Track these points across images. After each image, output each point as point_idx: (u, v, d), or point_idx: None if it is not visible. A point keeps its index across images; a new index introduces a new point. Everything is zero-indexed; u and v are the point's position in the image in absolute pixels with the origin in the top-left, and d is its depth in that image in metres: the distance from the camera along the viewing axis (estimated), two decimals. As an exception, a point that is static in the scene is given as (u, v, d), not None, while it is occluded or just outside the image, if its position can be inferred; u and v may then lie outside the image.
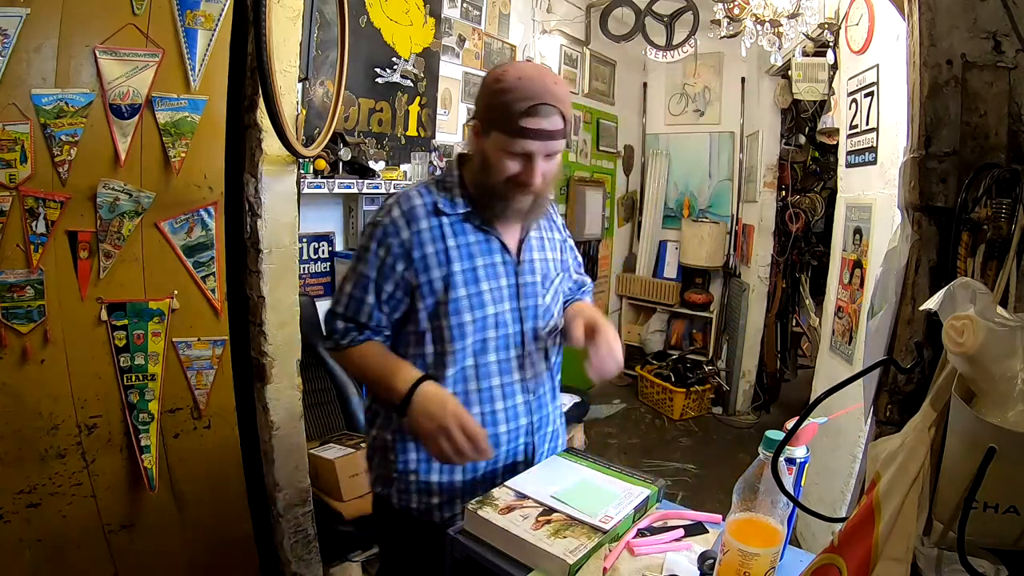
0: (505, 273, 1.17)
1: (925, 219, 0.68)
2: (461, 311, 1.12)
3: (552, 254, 1.28)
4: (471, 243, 1.15)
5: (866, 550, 0.55)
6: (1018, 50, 0.64)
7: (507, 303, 1.17)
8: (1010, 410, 0.51)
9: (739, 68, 4.20)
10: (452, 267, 1.12)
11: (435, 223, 1.13)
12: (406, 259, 1.11)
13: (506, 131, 1.05)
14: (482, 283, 1.14)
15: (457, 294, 1.12)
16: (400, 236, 1.11)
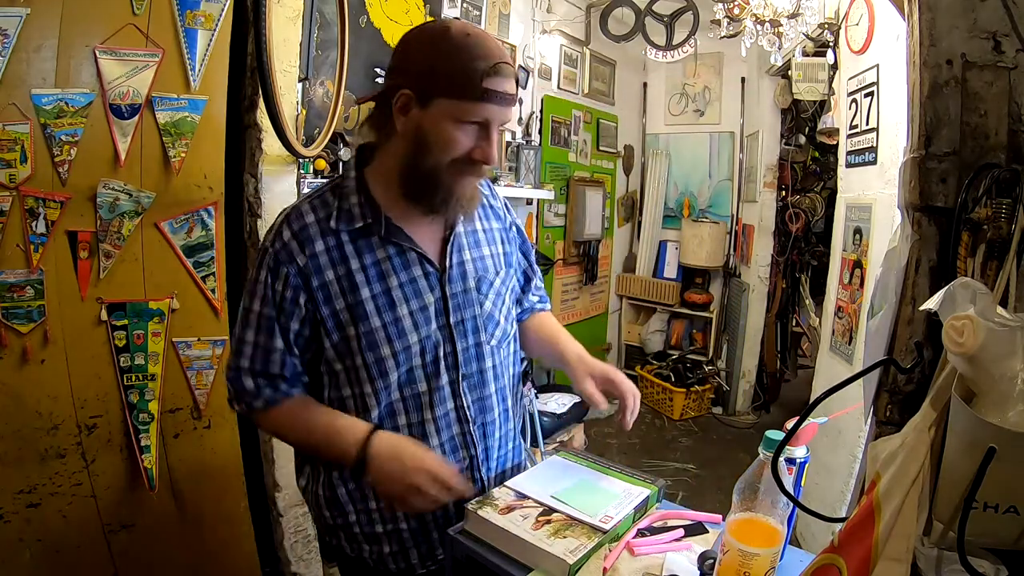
0: (428, 287, 0.98)
1: (925, 219, 0.68)
2: (378, 344, 0.94)
3: (490, 248, 1.08)
4: (380, 259, 0.95)
5: (866, 550, 0.55)
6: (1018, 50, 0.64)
7: (434, 322, 0.98)
8: (1010, 410, 0.51)
9: (739, 68, 4.20)
10: (359, 294, 0.94)
11: (332, 243, 0.94)
12: (306, 289, 0.93)
13: (463, 96, 0.87)
14: (399, 307, 0.95)
15: (370, 325, 0.94)
16: (296, 262, 0.93)
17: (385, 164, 0.98)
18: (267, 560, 1.86)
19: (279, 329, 0.95)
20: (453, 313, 1.00)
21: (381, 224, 0.95)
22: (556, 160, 4.00)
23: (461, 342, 1.01)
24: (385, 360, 0.95)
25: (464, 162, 0.92)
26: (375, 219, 0.95)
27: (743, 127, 4.33)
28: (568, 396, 3.37)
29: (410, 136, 0.92)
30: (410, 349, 0.96)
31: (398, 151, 0.94)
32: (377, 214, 0.96)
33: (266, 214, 1.70)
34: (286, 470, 1.83)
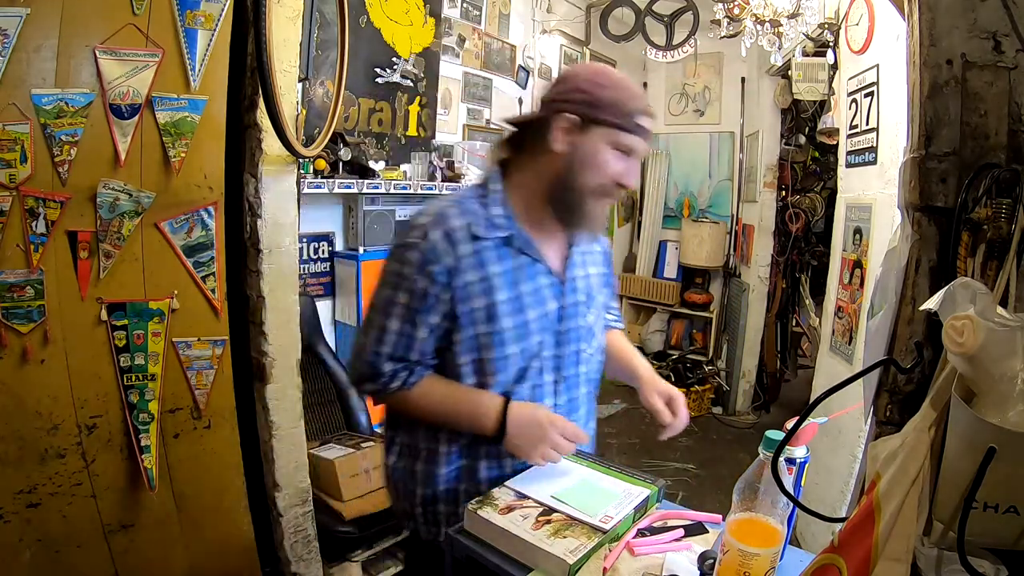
0: (551, 296, 1.10)
1: (925, 219, 0.68)
2: (506, 343, 1.06)
3: (596, 268, 1.21)
4: (514, 268, 1.07)
5: (866, 550, 0.55)
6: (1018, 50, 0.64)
7: (551, 328, 1.11)
8: (1010, 410, 0.51)
9: (739, 68, 4.21)
10: (496, 296, 1.04)
11: (475, 248, 1.04)
12: (449, 287, 1.03)
13: (620, 127, 1.01)
14: (527, 311, 1.07)
15: (501, 325, 1.05)
16: (443, 262, 1.02)
17: (524, 180, 1.09)
18: (267, 560, 1.86)
19: (421, 321, 1.05)
20: (565, 321, 1.12)
21: (519, 236, 1.07)
22: (556, 160, 4.00)
23: (566, 348, 1.13)
24: (508, 358, 1.07)
25: (609, 185, 1.04)
26: (515, 231, 1.07)
27: (743, 127, 4.33)
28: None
29: (567, 156, 1.03)
30: (529, 350, 1.08)
31: (548, 169, 1.06)
32: (516, 226, 1.07)
33: (266, 214, 1.70)
34: (286, 470, 1.83)
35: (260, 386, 1.78)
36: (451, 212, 1.05)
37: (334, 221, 2.66)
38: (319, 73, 2.42)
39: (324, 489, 2.02)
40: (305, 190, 2.13)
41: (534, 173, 1.08)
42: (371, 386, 1.10)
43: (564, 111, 1.02)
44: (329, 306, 2.68)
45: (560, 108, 1.02)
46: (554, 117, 1.02)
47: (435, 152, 2.91)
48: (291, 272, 1.79)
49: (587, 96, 1.01)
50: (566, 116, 1.01)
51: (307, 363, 2.08)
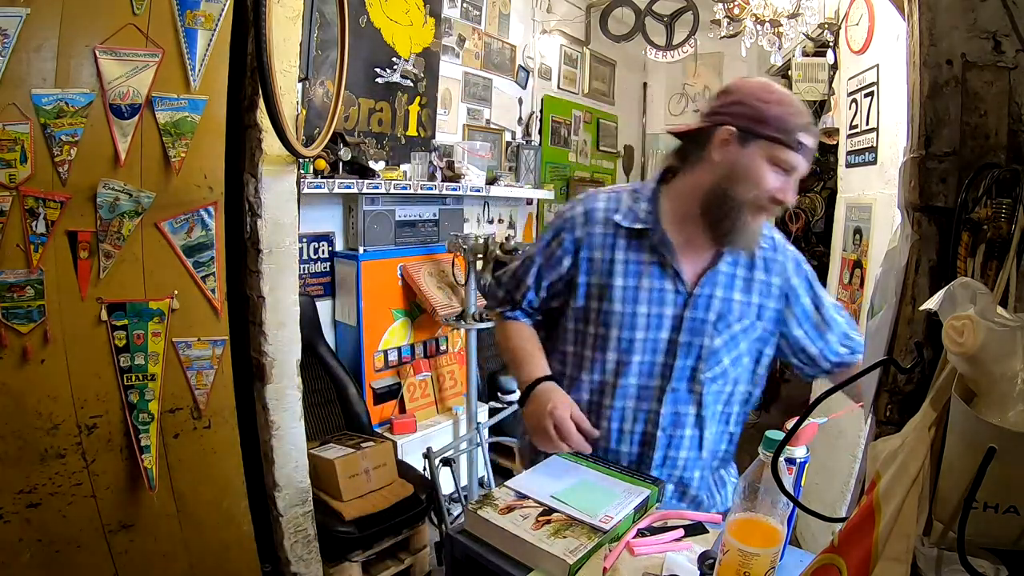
0: (671, 302, 1.11)
1: (925, 219, 0.68)
2: (611, 324, 1.11)
3: (743, 296, 1.14)
4: (641, 262, 1.11)
5: (866, 550, 0.55)
6: (1018, 50, 0.64)
7: (664, 332, 1.12)
8: (1010, 410, 0.51)
9: (739, 68, 4.20)
10: (613, 280, 1.11)
11: (609, 231, 1.13)
12: (573, 256, 1.14)
13: (781, 142, 1.01)
14: (640, 305, 1.11)
15: (611, 307, 1.11)
16: (574, 233, 1.14)
17: (682, 188, 1.12)
18: (267, 560, 1.86)
19: (535, 273, 1.20)
20: (684, 333, 1.12)
21: (657, 233, 1.11)
22: (556, 160, 4.00)
23: (680, 360, 1.12)
24: (610, 339, 1.12)
25: (764, 200, 1.04)
26: (654, 228, 1.11)
27: (743, 127, 4.33)
28: (568, 396, 3.37)
29: (724, 168, 1.05)
30: (633, 343, 1.12)
31: (705, 179, 1.08)
32: (658, 224, 1.11)
33: (266, 214, 1.70)
34: (286, 470, 1.83)
35: (260, 386, 1.78)
36: (601, 196, 1.16)
37: (334, 221, 2.66)
38: (319, 73, 2.42)
39: (324, 489, 2.02)
40: (305, 190, 2.13)
41: (692, 182, 1.10)
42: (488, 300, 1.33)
43: (725, 123, 1.04)
44: (329, 306, 2.68)
45: (721, 120, 1.05)
46: (715, 129, 1.05)
47: (435, 152, 2.91)
48: (291, 272, 1.79)
49: (750, 110, 1.03)
50: (727, 128, 1.04)
51: (307, 363, 2.08)
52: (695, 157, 1.09)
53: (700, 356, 1.12)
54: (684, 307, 1.11)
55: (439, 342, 2.94)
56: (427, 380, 2.86)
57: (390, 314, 2.69)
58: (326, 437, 2.25)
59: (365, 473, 2.07)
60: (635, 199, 1.15)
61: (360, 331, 2.57)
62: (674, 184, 1.14)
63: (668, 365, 1.13)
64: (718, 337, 1.12)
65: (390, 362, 2.71)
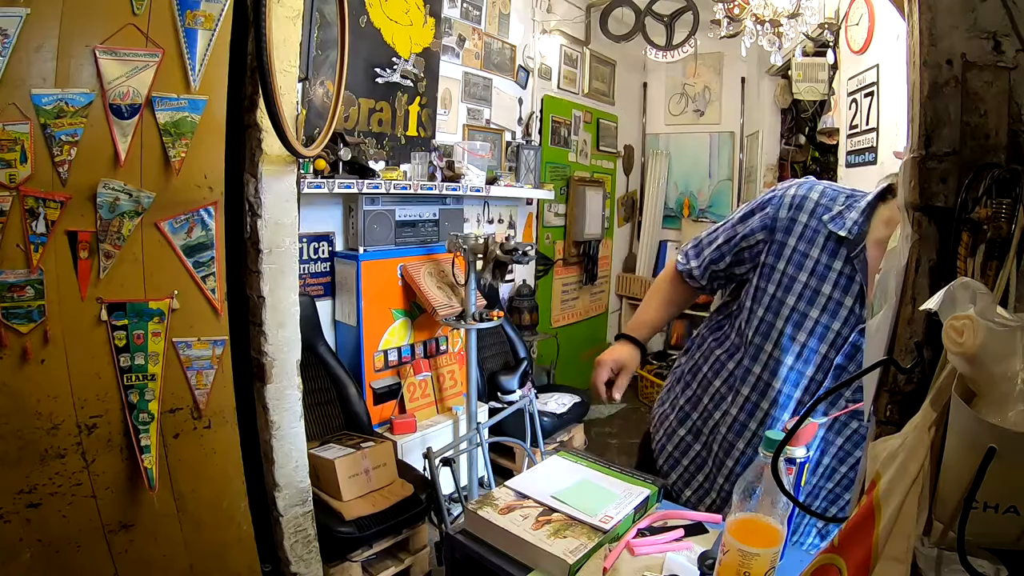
0: (845, 318, 1.04)
1: (925, 219, 0.68)
2: (778, 315, 1.08)
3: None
4: (832, 267, 1.05)
5: (866, 550, 0.55)
6: (1018, 50, 0.64)
7: (824, 346, 1.05)
8: (1010, 410, 0.51)
9: (739, 68, 4.21)
10: (799, 273, 1.07)
11: (814, 224, 1.07)
12: (769, 233, 1.11)
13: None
14: (814, 309, 1.06)
15: (783, 299, 1.08)
16: (778, 212, 1.11)
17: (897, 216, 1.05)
18: (267, 560, 1.86)
19: (730, 236, 1.18)
20: (842, 356, 1.05)
21: (858, 248, 1.03)
22: (556, 160, 4.00)
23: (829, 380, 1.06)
24: (775, 330, 1.09)
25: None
26: (857, 241, 1.03)
27: (743, 127, 4.33)
28: (568, 396, 3.37)
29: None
30: (795, 340, 1.07)
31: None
32: (862, 240, 1.03)
33: (266, 214, 1.70)
34: (286, 470, 1.83)
35: (260, 386, 1.78)
36: (817, 188, 1.11)
37: (334, 221, 2.66)
38: (319, 73, 2.42)
39: (324, 489, 2.02)
40: (305, 190, 2.13)
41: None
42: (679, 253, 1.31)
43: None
44: (329, 306, 2.68)
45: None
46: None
47: (435, 152, 2.91)
48: (291, 272, 1.79)
49: None
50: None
51: (307, 363, 2.08)
52: None
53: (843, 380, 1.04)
54: (853, 329, 1.04)
55: (439, 342, 2.94)
56: (427, 380, 2.86)
57: (390, 314, 2.69)
58: (326, 437, 2.25)
59: (365, 473, 2.07)
60: (849, 205, 1.07)
61: (360, 331, 2.58)
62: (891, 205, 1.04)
63: (815, 380, 1.07)
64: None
65: (390, 362, 2.71)
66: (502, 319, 2.95)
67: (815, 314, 1.05)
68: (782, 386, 1.08)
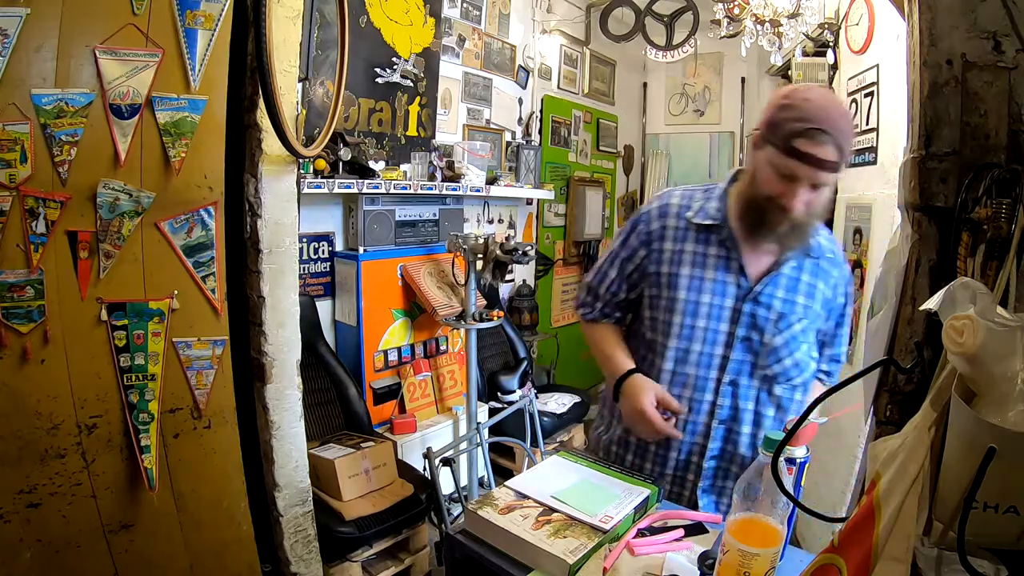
0: (733, 295, 1.16)
1: (925, 219, 0.68)
2: (675, 311, 1.18)
3: (804, 299, 1.18)
4: (708, 254, 1.18)
5: (866, 550, 0.55)
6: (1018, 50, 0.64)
7: (724, 324, 1.16)
8: (1010, 410, 0.51)
9: (739, 68, 4.21)
10: (680, 269, 1.18)
11: (681, 224, 1.20)
12: (647, 247, 1.23)
13: (778, 147, 1.04)
14: (704, 295, 1.17)
15: (676, 295, 1.18)
16: (649, 226, 1.23)
17: (739, 188, 1.19)
18: (267, 560, 1.86)
19: (619, 264, 1.28)
20: (742, 328, 1.16)
21: (725, 230, 1.17)
22: (556, 160, 4.00)
23: (737, 354, 1.16)
24: (674, 325, 1.19)
25: (774, 203, 1.08)
26: (723, 224, 1.17)
27: (743, 127, 4.33)
28: (568, 396, 3.37)
29: (750, 171, 1.14)
30: (695, 329, 1.17)
31: (747, 176, 1.16)
32: (726, 222, 1.17)
33: (266, 214, 1.70)
34: (286, 470, 1.83)
35: (260, 386, 1.78)
36: (675, 193, 1.25)
37: (334, 221, 2.66)
38: (319, 73, 2.42)
39: (324, 489, 2.02)
40: (305, 190, 2.13)
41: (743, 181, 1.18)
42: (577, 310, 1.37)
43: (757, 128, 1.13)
44: (329, 306, 2.68)
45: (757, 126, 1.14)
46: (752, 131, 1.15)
47: (435, 152, 2.91)
48: (291, 272, 1.79)
49: (765, 115, 1.10)
50: (756, 132, 1.13)
51: (307, 363, 2.08)
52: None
53: (758, 352, 1.16)
54: (744, 301, 1.15)
55: (439, 342, 2.94)
56: (427, 380, 2.86)
57: (390, 314, 2.69)
58: (326, 437, 2.25)
59: (365, 473, 2.07)
60: (707, 197, 1.22)
61: (360, 331, 2.57)
62: (736, 186, 1.21)
63: (725, 357, 1.17)
64: (778, 336, 1.16)
65: (390, 362, 2.71)
66: (502, 319, 2.95)
67: (706, 299, 1.16)
68: (696, 371, 1.18)
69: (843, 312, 1.26)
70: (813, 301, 1.19)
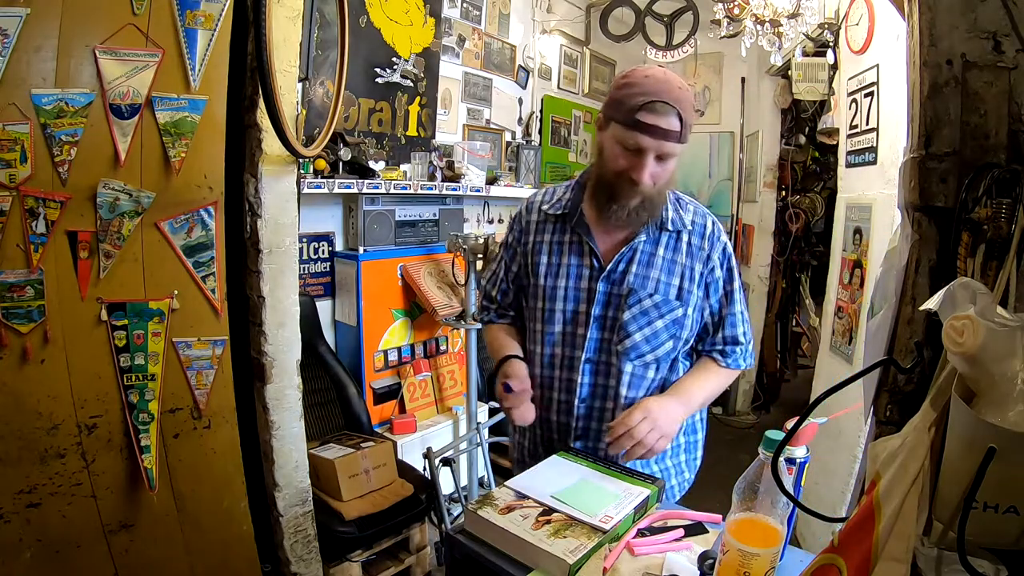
0: (588, 276, 1.22)
1: (925, 219, 0.68)
2: (541, 297, 1.25)
3: (666, 277, 1.19)
4: (563, 241, 1.25)
5: (866, 550, 0.55)
6: (1018, 50, 0.64)
7: (582, 305, 1.22)
8: (1010, 410, 0.51)
9: (739, 68, 4.20)
10: (540, 257, 1.26)
11: (541, 217, 1.29)
12: (520, 244, 1.31)
13: (622, 123, 1.09)
14: (560, 279, 1.23)
15: (538, 281, 1.26)
16: (521, 222, 1.32)
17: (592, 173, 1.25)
18: (267, 560, 1.86)
19: (504, 264, 1.36)
20: (598, 306, 1.21)
21: (574, 216, 1.24)
22: (556, 160, 4.00)
23: (593, 332, 1.22)
24: (537, 310, 1.27)
25: (623, 178, 1.12)
26: (572, 211, 1.25)
27: (743, 127, 4.33)
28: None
29: (598, 151, 1.20)
30: (554, 312, 1.24)
31: (593, 165, 1.24)
32: (576, 209, 1.24)
33: (266, 214, 1.70)
34: (286, 470, 1.83)
35: (260, 386, 1.78)
36: (542, 190, 1.34)
37: (334, 221, 2.66)
38: (319, 73, 2.42)
39: (324, 489, 2.02)
40: (305, 190, 2.13)
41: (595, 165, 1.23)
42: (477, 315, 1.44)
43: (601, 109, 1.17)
44: (329, 306, 2.68)
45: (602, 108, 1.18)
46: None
47: (435, 152, 2.91)
48: (291, 272, 1.79)
49: (609, 95, 1.14)
50: (600, 114, 1.17)
51: (307, 363, 2.08)
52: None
53: (612, 328, 1.20)
54: (597, 280, 1.20)
55: (439, 342, 2.94)
56: (427, 380, 2.86)
57: (390, 314, 2.69)
58: (326, 437, 2.25)
59: (365, 473, 2.07)
60: (564, 190, 1.30)
61: (360, 331, 2.57)
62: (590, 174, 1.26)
63: (582, 336, 1.22)
64: (627, 311, 1.19)
65: (390, 362, 2.71)
66: (502, 319, 2.94)
67: (561, 283, 1.23)
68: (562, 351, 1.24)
69: (727, 290, 1.24)
70: (673, 276, 1.20)
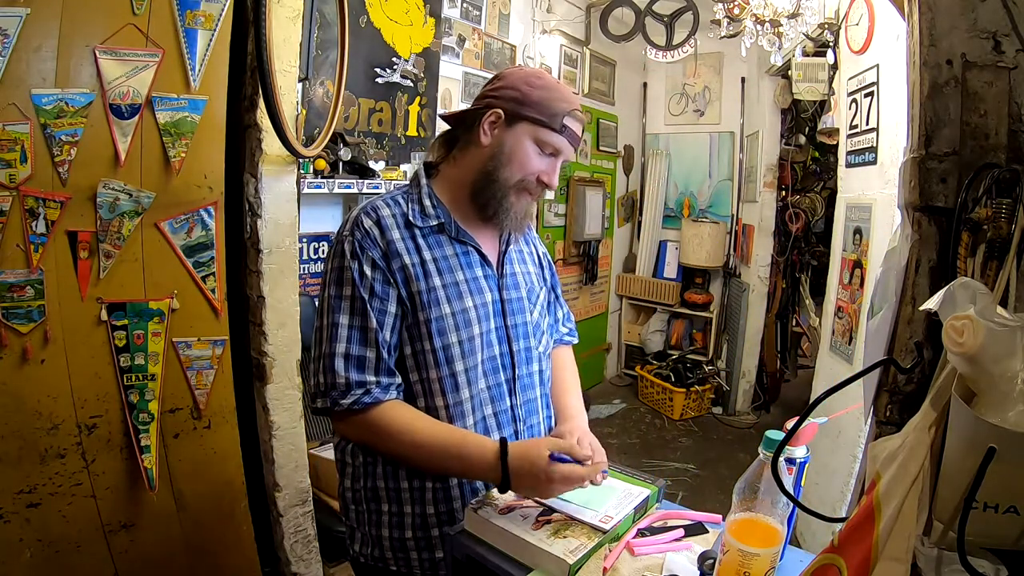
0: (488, 287, 1.07)
1: (925, 219, 0.68)
2: (447, 330, 1.00)
3: (533, 268, 1.20)
4: (449, 255, 1.04)
5: (866, 550, 0.55)
6: (1018, 50, 0.64)
7: (493, 321, 1.06)
8: (1010, 410, 0.51)
9: (739, 68, 4.21)
10: (432, 281, 1.00)
11: (407, 234, 1.02)
12: (388, 271, 0.99)
13: (547, 126, 1.03)
14: (465, 299, 1.03)
15: (441, 311, 1.00)
16: (379, 246, 0.99)
17: (452, 175, 1.09)
18: (267, 560, 1.86)
19: (372, 310, 0.98)
20: (509, 316, 1.09)
21: (452, 224, 1.06)
22: (556, 160, 3.99)
23: (516, 344, 1.09)
24: (452, 347, 1.01)
25: (530, 181, 1.05)
26: (447, 220, 1.06)
27: (743, 127, 4.33)
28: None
29: (492, 150, 1.04)
30: (473, 340, 1.03)
31: (474, 163, 1.06)
32: (448, 216, 1.07)
33: (266, 214, 1.70)
34: (286, 470, 1.83)
35: (260, 386, 1.78)
36: (380, 204, 1.04)
37: (334, 221, 2.66)
38: (319, 73, 2.42)
39: (324, 489, 2.02)
40: (305, 190, 2.13)
41: (462, 168, 1.08)
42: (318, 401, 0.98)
43: (493, 107, 1.04)
44: (329, 306, 2.67)
45: (490, 104, 1.05)
46: (484, 112, 1.05)
47: (435, 152, 2.91)
48: (291, 272, 1.79)
49: (517, 94, 1.03)
50: (494, 111, 1.03)
51: (307, 363, 2.07)
52: (464, 142, 1.08)
53: (529, 334, 1.12)
54: (500, 290, 1.09)
55: (439, 342, 2.93)
56: (427, 380, 2.86)
57: (390, 314, 2.69)
58: (326, 437, 2.25)
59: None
60: (414, 199, 1.06)
61: (360, 331, 2.57)
62: (446, 174, 1.10)
63: (507, 354, 1.08)
64: (535, 310, 1.15)
65: (390, 362, 2.70)
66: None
67: (469, 303, 1.03)
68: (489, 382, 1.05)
69: (550, 267, 1.28)
70: (535, 265, 1.22)
